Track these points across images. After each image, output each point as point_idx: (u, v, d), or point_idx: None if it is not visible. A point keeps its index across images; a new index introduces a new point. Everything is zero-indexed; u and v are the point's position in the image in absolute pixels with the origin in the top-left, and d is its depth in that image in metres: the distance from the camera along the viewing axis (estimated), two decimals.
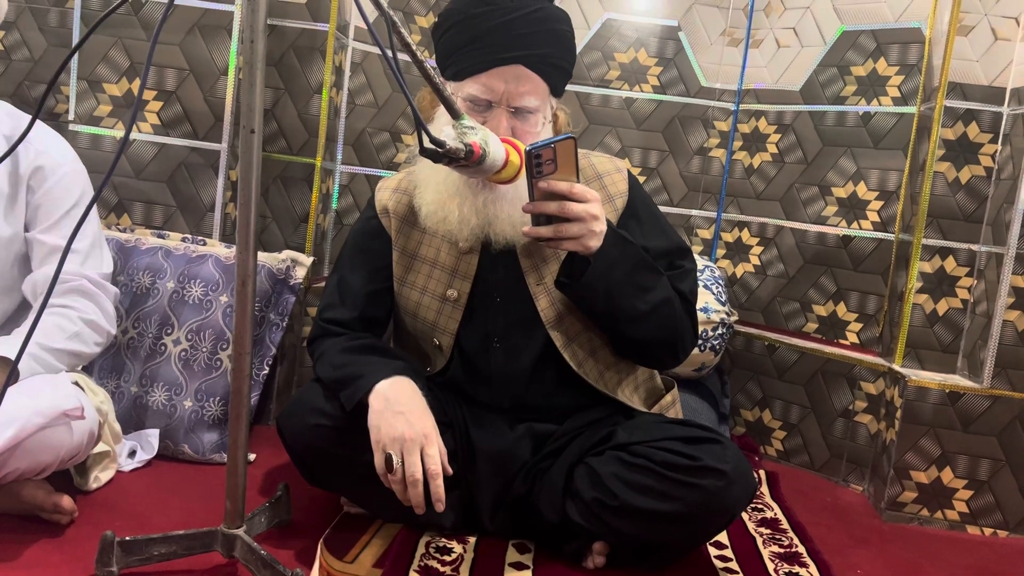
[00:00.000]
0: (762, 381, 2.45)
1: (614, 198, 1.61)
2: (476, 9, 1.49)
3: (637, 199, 1.63)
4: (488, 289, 1.60)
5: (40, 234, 1.60)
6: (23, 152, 1.59)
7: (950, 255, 2.06)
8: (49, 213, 1.61)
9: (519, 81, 1.47)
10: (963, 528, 2.01)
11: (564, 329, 1.59)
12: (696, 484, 1.41)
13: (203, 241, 2.08)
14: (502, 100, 1.48)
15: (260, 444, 2.00)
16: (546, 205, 1.35)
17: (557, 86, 1.56)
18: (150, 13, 2.11)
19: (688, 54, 2.55)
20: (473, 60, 1.48)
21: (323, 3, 2.17)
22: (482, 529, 1.60)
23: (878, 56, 2.26)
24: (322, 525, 1.59)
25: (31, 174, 1.59)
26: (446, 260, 1.61)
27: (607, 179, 1.62)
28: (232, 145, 2.14)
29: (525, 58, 1.48)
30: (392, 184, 1.69)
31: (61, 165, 1.62)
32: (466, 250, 1.59)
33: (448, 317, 1.61)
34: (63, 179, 1.62)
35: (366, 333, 1.64)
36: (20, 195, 1.59)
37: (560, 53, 1.53)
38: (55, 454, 1.46)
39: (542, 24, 1.49)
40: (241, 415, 1.32)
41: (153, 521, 1.55)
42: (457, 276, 1.60)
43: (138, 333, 1.93)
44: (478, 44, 1.48)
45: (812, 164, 2.38)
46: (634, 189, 1.64)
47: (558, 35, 1.53)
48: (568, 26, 1.57)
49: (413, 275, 1.64)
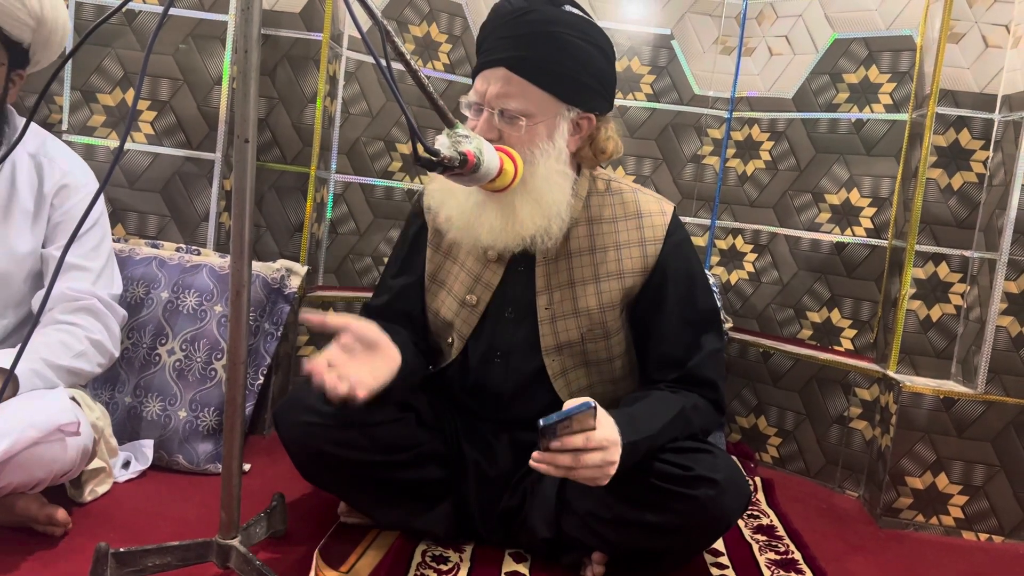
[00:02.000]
0: (757, 388, 2.45)
1: (646, 243, 1.56)
2: (487, 17, 1.53)
3: (671, 255, 1.56)
4: (504, 303, 1.60)
5: (56, 251, 1.62)
6: (48, 170, 1.64)
7: (943, 261, 2.07)
8: (68, 231, 1.63)
9: (499, 84, 1.46)
10: (958, 534, 2.01)
11: (561, 359, 1.59)
12: (688, 494, 1.40)
13: (197, 251, 2.08)
14: (487, 101, 1.48)
15: (255, 454, 2.00)
16: (559, 458, 1.29)
17: (564, 92, 1.47)
18: (144, 23, 2.11)
19: (681, 62, 2.56)
20: (477, 64, 1.52)
21: (317, 13, 2.17)
22: (479, 538, 1.60)
23: (870, 64, 2.27)
24: (318, 535, 1.58)
25: (56, 192, 1.63)
26: (473, 266, 1.61)
27: (646, 220, 1.57)
28: (226, 155, 2.14)
29: (506, 60, 1.46)
30: (436, 185, 1.65)
31: (84, 185, 1.67)
32: (494, 259, 1.59)
33: (463, 321, 1.62)
34: (85, 199, 1.65)
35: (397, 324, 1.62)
36: (43, 213, 1.63)
37: (559, 58, 1.45)
38: (48, 469, 1.45)
39: (530, 27, 1.45)
40: (236, 425, 1.31)
41: (147, 532, 1.55)
42: (480, 283, 1.61)
43: (132, 343, 1.92)
44: (481, 48, 1.52)
45: (805, 171, 2.39)
46: (672, 238, 1.57)
47: (555, 38, 1.45)
48: (577, 33, 1.47)
49: (443, 274, 1.65)
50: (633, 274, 1.56)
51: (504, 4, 1.50)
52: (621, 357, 1.61)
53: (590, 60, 1.49)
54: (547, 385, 1.59)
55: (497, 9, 1.51)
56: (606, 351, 1.59)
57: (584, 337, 1.57)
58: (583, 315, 1.56)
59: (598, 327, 1.56)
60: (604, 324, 1.56)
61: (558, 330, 1.57)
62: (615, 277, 1.55)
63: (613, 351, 1.59)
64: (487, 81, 1.47)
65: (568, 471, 1.30)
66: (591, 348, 1.58)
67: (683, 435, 1.48)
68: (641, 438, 1.38)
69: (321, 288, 2.35)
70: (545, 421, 1.25)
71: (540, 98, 1.46)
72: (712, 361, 1.56)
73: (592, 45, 1.49)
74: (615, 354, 1.60)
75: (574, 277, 1.56)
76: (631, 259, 1.56)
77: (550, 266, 1.57)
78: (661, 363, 1.57)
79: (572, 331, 1.57)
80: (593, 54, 1.49)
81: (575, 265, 1.56)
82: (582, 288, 1.56)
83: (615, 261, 1.56)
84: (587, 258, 1.56)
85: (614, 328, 1.57)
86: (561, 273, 1.56)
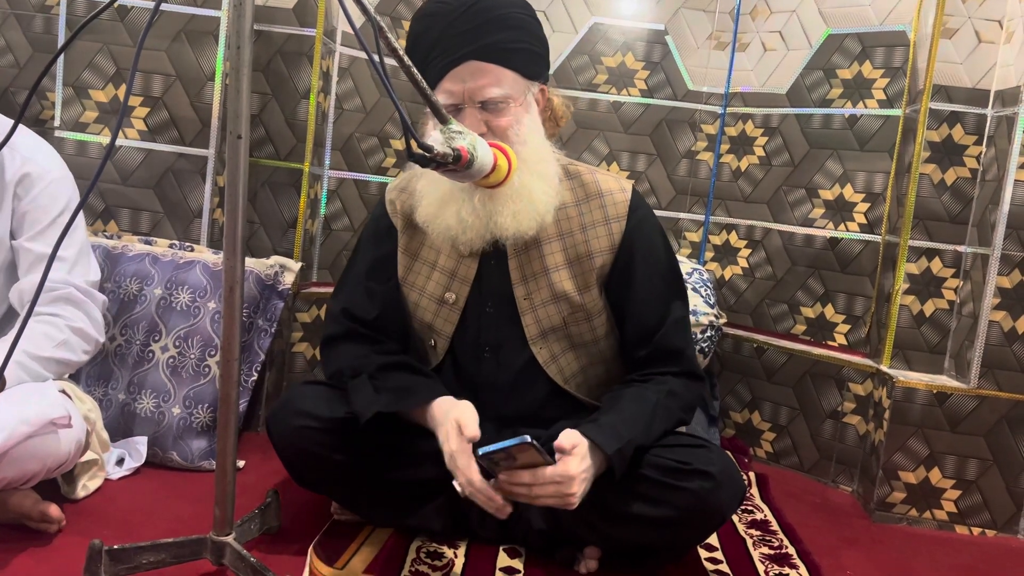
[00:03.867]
0: (751, 383, 2.45)
1: (610, 221, 1.59)
2: (420, 26, 1.52)
3: (636, 231, 1.59)
4: (483, 297, 1.61)
5: (27, 242, 1.59)
6: (9, 159, 1.58)
7: (936, 256, 2.07)
8: (36, 221, 1.60)
9: (475, 76, 1.47)
10: (951, 528, 2.02)
11: (548, 346, 1.60)
12: (684, 488, 1.41)
13: (191, 247, 2.07)
14: (466, 99, 1.48)
15: (249, 451, 1.99)
16: (514, 489, 1.35)
17: (527, 69, 1.52)
18: (136, 19, 2.10)
19: (675, 58, 2.56)
20: (433, 72, 1.49)
21: (310, 8, 2.16)
22: (473, 534, 1.60)
23: (863, 59, 2.28)
24: (312, 531, 1.58)
25: (18, 181, 1.59)
26: (446, 263, 1.61)
27: (608, 198, 1.60)
28: (219, 151, 2.14)
29: (474, 52, 1.47)
30: (400, 184, 1.69)
31: (48, 172, 1.62)
32: (466, 254, 1.59)
33: (444, 320, 1.62)
34: (50, 186, 1.61)
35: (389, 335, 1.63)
36: (6, 203, 1.58)
37: (515, 36, 1.50)
38: (42, 463, 1.44)
39: (484, 15, 1.48)
40: (230, 421, 1.31)
41: (142, 529, 1.55)
42: (456, 279, 1.61)
43: (126, 340, 1.92)
44: (432, 55, 1.49)
45: (799, 167, 2.39)
46: (635, 213, 1.60)
47: (505, 19, 1.50)
48: (517, 8, 1.53)
49: (413, 275, 1.64)
50: (602, 253, 1.58)
51: (440, 6, 1.50)
52: (607, 337, 1.63)
53: (536, 31, 1.56)
54: (542, 373, 1.60)
55: (435, 11, 1.50)
56: (591, 332, 1.60)
57: (566, 321, 1.58)
58: (562, 300, 1.57)
59: (579, 310, 1.58)
60: (584, 306, 1.58)
61: (540, 318, 1.58)
62: (586, 258, 1.58)
63: (598, 332, 1.61)
64: (460, 79, 1.48)
65: (528, 500, 1.36)
66: (575, 331, 1.60)
67: (670, 424, 1.52)
68: (625, 443, 1.40)
69: (315, 284, 2.34)
70: (482, 450, 1.31)
71: (512, 79, 1.51)
72: (677, 329, 1.60)
73: (531, 17, 1.56)
74: (600, 335, 1.62)
75: (547, 264, 1.58)
76: (598, 238, 1.59)
77: (521, 256, 1.58)
78: (635, 336, 1.60)
79: (554, 316, 1.58)
80: (535, 24, 1.57)
81: (546, 252, 1.58)
82: (556, 274, 1.57)
83: (583, 243, 1.58)
84: (556, 244, 1.58)
85: (595, 309, 1.59)
86: (534, 262, 1.58)
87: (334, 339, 1.64)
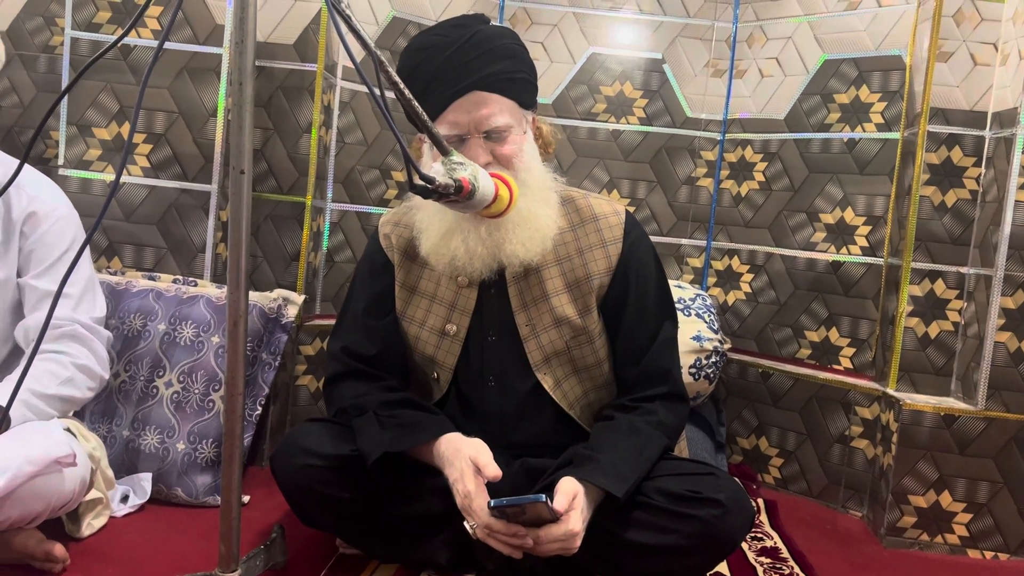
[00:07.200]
0: (757, 408, 2.44)
1: (607, 244, 1.60)
2: (415, 59, 1.52)
3: (631, 253, 1.61)
4: (484, 327, 1.61)
5: (33, 279, 1.60)
6: (16, 198, 1.59)
7: (939, 278, 2.07)
8: (42, 258, 1.61)
9: (479, 106, 1.49)
10: (964, 552, 2.00)
11: (552, 371, 1.60)
12: (693, 515, 1.41)
13: (194, 282, 2.08)
14: (471, 130, 1.49)
15: (254, 486, 1.98)
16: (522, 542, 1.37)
17: (523, 98, 1.56)
18: (139, 57, 2.12)
19: (673, 86, 2.58)
20: (433, 104, 1.49)
21: (311, 44, 2.19)
22: (480, 566, 1.58)
23: (860, 83, 2.29)
24: (318, 566, 1.57)
25: (24, 220, 1.60)
26: (445, 294, 1.61)
27: (603, 222, 1.62)
28: (222, 186, 2.15)
29: (476, 82, 1.49)
30: (393, 218, 1.70)
31: (55, 210, 1.63)
32: (465, 284, 1.59)
33: (446, 352, 1.61)
34: (56, 224, 1.62)
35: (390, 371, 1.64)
36: (13, 241, 1.59)
37: (512, 67, 1.53)
38: (46, 503, 1.44)
39: (482, 46, 1.50)
40: (234, 456, 1.31)
41: (147, 567, 1.53)
42: (456, 310, 1.61)
43: (130, 376, 1.92)
44: (431, 88, 1.50)
45: (799, 191, 2.40)
46: (630, 235, 1.62)
47: (502, 50, 1.53)
48: (510, 39, 1.56)
49: (412, 309, 1.64)
50: (600, 275, 1.60)
51: (437, 39, 1.51)
52: (608, 359, 1.63)
53: (529, 60, 1.59)
54: (548, 399, 1.60)
55: (432, 43, 1.51)
56: (593, 355, 1.61)
57: (569, 345, 1.59)
58: (564, 324, 1.58)
59: (581, 333, 1.59)
60: (586, 329, 1.59)
61: (543, 343, 1.59)
62: (584, 281, 1.59)
63: (600, 354, 1.62)
64: (464, 110, 1.49)
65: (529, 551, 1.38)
66: (578, 355, 1.60)
67: (663, 451, 1.53)
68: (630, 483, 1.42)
69: (318, 316, 2.34)
70: (495, 502, 1.32)
71: (512, 108, 1.54)
72: (665, 349, 1.62)
73: (522, 47, 1.59)
74: (602, 357, 1.62)
75: (547, 289, 1.58)
76: (595, 261, 1.60)
77: (521, 283, 1.58)
78: (625, 355, 1.62)
79: (557, 341, 1.58)
80: (527, 54, 1.60)
81: (545, 277, 1.58)
82: (557, 299, 1.58)
83: (582, 266, 1.59)
84: (555, 269, 1.59)
85: (596, 331, 1.60)
86: (534, 288, 1.58)
87: (336, 378, 1.64)
